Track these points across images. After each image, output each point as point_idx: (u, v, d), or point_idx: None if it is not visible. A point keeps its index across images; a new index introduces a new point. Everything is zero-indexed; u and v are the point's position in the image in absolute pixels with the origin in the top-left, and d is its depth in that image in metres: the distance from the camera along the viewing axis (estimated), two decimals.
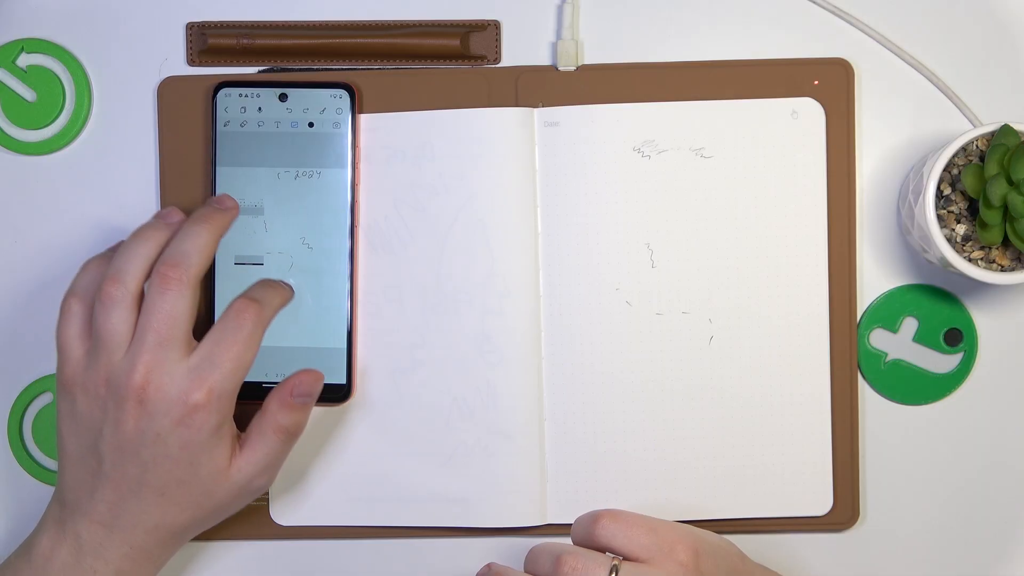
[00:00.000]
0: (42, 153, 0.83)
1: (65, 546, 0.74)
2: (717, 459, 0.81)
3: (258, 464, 0.75)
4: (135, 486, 0.73)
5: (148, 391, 0.72)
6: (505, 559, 0.82)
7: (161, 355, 0.72)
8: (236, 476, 0.74)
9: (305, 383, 0.75)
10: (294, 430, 0.75)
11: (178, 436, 0.72)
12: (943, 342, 0.81)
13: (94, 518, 0.74)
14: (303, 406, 0.75)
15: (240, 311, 0.73)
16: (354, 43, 0.81)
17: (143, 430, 0.72)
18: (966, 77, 0.81)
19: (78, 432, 0.74)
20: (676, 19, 0.82)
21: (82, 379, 0.73)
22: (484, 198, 0.80)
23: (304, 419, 0.76)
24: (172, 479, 0.73)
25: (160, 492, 0.73)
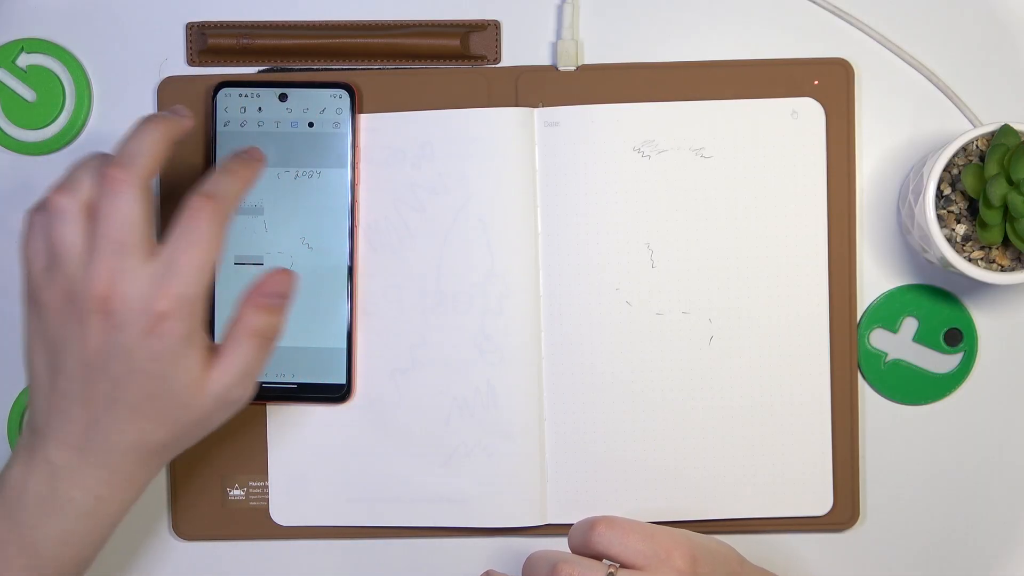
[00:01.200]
0: (42, 153, 0.83)
1: (37, 474, 0.70)
2: (717, 459, 0.81)
3: (234, 374, 0.70)
4: (107, 404, 0.69)
5: (112, 301, 0.67)
6: (505, 559, 0.82)
7: (120, 262, 0.67)
8: (212, 387, 0.70)
9: (277, 282, 0.71)
10: (269, 334, 0.71)
11: (146, 348, 0.67)
12: (943, 342, 0.81)
13: (67, 441, 0.69)
14: (276, 307, 0.71)
15: (195, 210, 0.68)
16: (354, 43, 0.81)
17: (110, 343, 0.68)
18: (966, 77, 0.81)
19: (44, 350, 0.70)
20: (676, 19, 0.82)
21: (44, 295, 0.69)
22: (484, 198, 0.80)
23: (279, 322, 0.71)
24: (144, 394, 0.68)
25: (133, 408, 0.69)
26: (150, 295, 0.67)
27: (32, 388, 0.71)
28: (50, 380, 0.70)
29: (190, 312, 0.68)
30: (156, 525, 0.83)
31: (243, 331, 0.70)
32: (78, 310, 0.68)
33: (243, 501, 0.82)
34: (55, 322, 0.69)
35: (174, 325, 0.68)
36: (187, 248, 0.68)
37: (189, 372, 0.69)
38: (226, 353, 0.70)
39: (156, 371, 0.68)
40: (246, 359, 0.70)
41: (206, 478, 0.82)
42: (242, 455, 0.82)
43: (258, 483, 0.82)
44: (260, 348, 0.71)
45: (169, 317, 0.67)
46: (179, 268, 0.67)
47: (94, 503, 0.70)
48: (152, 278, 0.67)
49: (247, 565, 0.83)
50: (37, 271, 0.69)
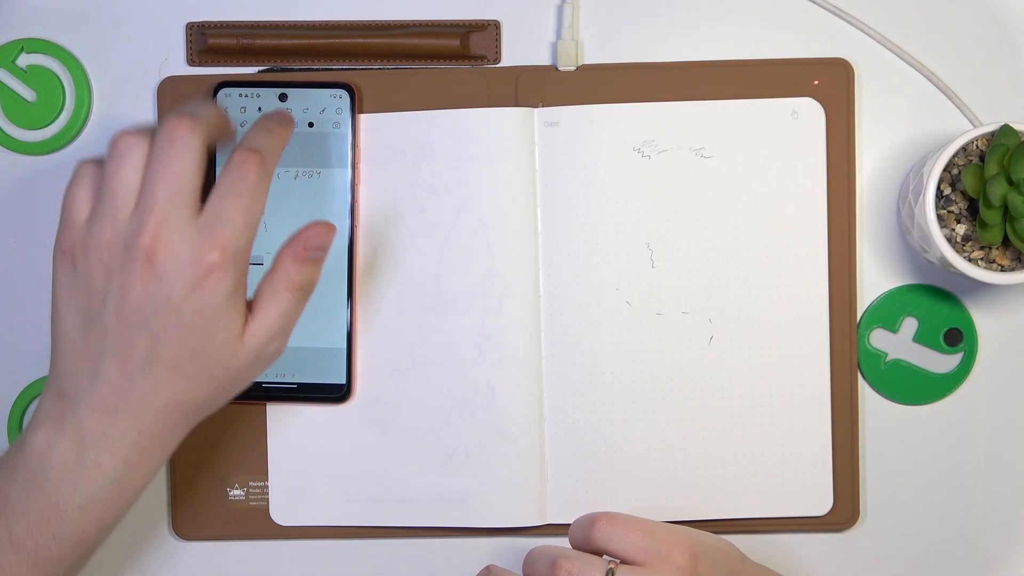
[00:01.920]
0: (42, 153, 0.83)
1: (64, 440, 0.68)
2: (717, 459, 0.81)
3: (272, 327, 0.69)
4: (144, 361, 0.67)
5: (158, 251, 0.66)
6: (505, 559, 0.82)
7: (171, 212, 0.66)
8: (251, 342, 0.69)
9: (318, 234, 0.69)
10: (308, 287, 0.70)
11: (192, 301, 0.66)
12: (943, 342, 0.81)
13: (97, 404, 0.68)
14: (316, 260, 0.70)
15: (242, 163, 0.67)
16: (354, 43, 0.81)
17: (153, 295, 0.66)
18: (966, 77, 0.81)
19: (78, 304, 0.68)
20: (676, 19, 0.82)
21: (84, 242, 0.67)
22: (484, 198, 0.80)
23: (317, 275, 0.70)
24: (185, 350, 0.67)
25: (172, 366, 0.67)
26: (199, 246, 0.66)
27: (59, 350, 0.69)
28: (83, 337, 0.68)
29: (236, 265, 0.67)
30: (156, 525, 0.83)
31: (282, 283, 0.69)
32: (123, 258, 0.66)
33: (243, 501, 0.82)
34: (96, 270, 0.67)
35: (222, 277, 0.66)
36: (236, 199, 0.67)
37: (230, 328, 0.68)
38: (264, 306, 0.69)
39: (199, 325, 0.67)
40: (284, 312, 0.69)
41: (206, 478, 0.82)
42: (242, 455, 0.82)
43: (258, 483, 0.82)
44: (298, 301, 0.70)
45: (217, 269, 0.66)
46: (228, 218, 0.66)
47: (122, 468, 0.69)
48: (201, 230, 0.66)
49: (247, 565, 0.83)
50: (79, 222, 0.68)
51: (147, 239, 0.66)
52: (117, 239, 0.67)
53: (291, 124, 0.72)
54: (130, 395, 0.68)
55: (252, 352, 0.69)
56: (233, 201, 0.67)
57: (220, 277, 0.66)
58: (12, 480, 0.69)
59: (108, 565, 0.83)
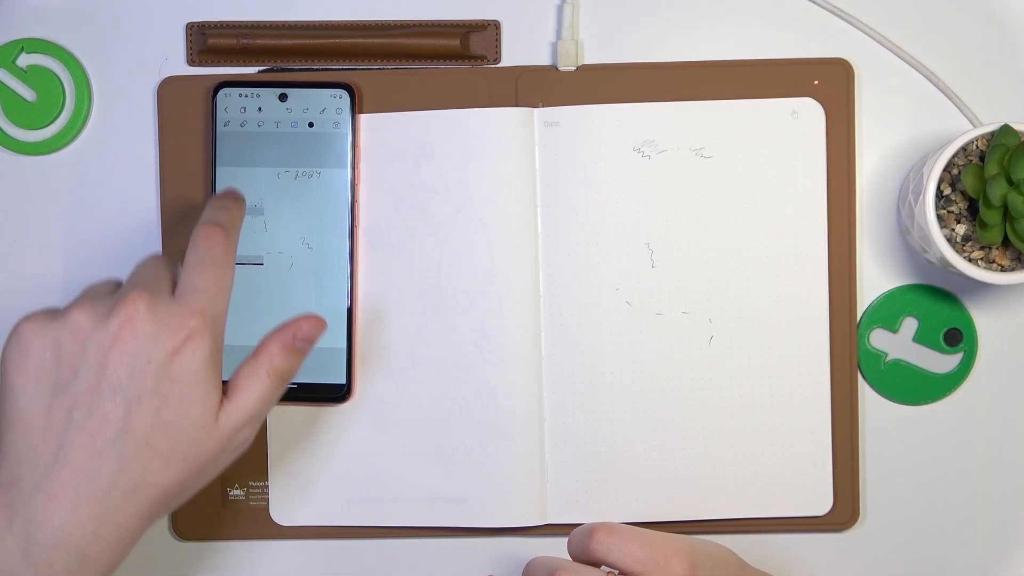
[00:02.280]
0: (42, 153, 0.83)
1: (9, 539, 0.63)
2: (717, 459, 0.81)
3: (247, 410, 0.68)
4: (115, 434, 0.64)
5: (138, 317, 0.65)
6: (505, 559, 0.82)
7: (150, 288, 0.67)
8: (225, 423, 0.67)
9: (311, 327, 0.69)
10: (287, 376, 0.69)
11: (171, 367, 0.65)
12: (943, 342, 0.81)
13: (54, 491, 0.63)
14: (302, 352, 0.69)
15: (208, 236, 0.68)
16: (354, 43, 0.81)
17: (133, 359, 0.65)
18: (966, 77, 0.81)
19: (43, 377, 0.65)
20: (676, 19, 0.82)
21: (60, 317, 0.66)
22: (484, 198, 0.80)
23: (298, 366, 0.70)
24: (159, 422, 0.65)
25: (145, 440, 0.65)
26: (179, 312, 0.66)
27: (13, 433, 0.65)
28: (45, 414, 0.65)
29: (215, 332, 0.67)
30: (156, 525, 0.83)
31: (264, 367, 0.69)
32: (103, 326, 0.65)
33: (243, 501, 0.82)
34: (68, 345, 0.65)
35: (201, 342, 0.66)
36: (208, 269, 0.68)
37: (206, 401, 0.66)
38: (242, 388, 0.68)
39: (175, 395, 0.65)
40: (261, 397, 0.68)
41: None
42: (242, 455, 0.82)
43: (258, 483, 0.82)
44: (276, 388, 0.69)
45: (197, 333, 0.66)
46: (203, 287, 0.67)
47: (76, 567, 0.64)
48: (179, 299, 0.67)
49: (247, 565, 0.83)
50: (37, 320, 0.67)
51: (129, 307, 0.65)
52: (98, 312, 0.66)
53: (243, 201, 0.74)
54: (96, 476, 0.64)
55: (225, 434, 0.67)
56: (205, 271, 0.68)
57: (199, 342, 0.66)
58: None
59: None
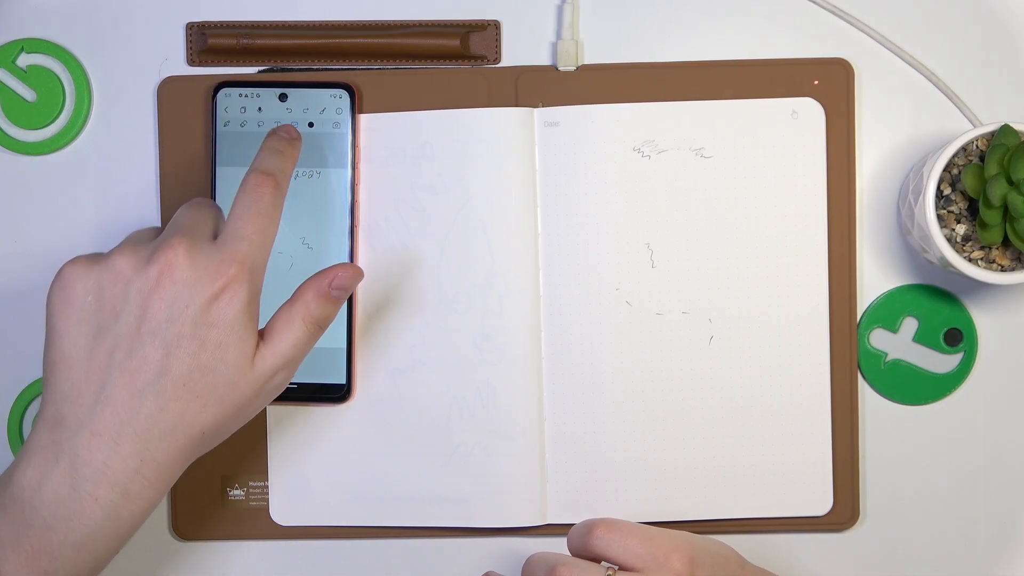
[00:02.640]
0: (42, 153, 0.83)
1: (57, 473, 0.65)
2: (717, 459, 0.81)
3: (282, 355, 0.69)
4: (154, 376, 0.66)
5: (178, 264, 0.66)
6: (505, 559, 0.82)
7: (191, 234, 0.68)
8: (260, 366, 0.69)
9: (346, 275, 0.71)
10: (323, 323, 0.71)
11: (208, 312, 0.67)
12: (943, 342, 0.81)
13: (98, 429, 0.66)
14: (337, 299, 0.71)
15: (257, 185, 0.69)
16: (354, 43, 0.81)
17: (171, 304, 0.66)
18: (966, 77, 0.81)
19: (84, 320, 0.67)
20: (676, 19, 0.82)
21: (89, 268, 0.68)
22: (484, 198, 0.80)
23: (334, 314, 0.71)
24: (197, 365, 0.67)
25: (183, 383, 0.67)
26: (219, 257, 0.67)
27: (57, 374, 0.67)
28: (88, 356, 0.67)
29: (253, 280, 0.68)
30: (156, 525, 0.83)
31: (300, 314, 0.70)
32: (143, 272, 0.67)
33: (243, 501, 0.82)
34: (112, 285, 0.67)
35: (239, 289, 0.67)
36: (253, 218, 0.69)
37: (242, 345, 0.68)
38: (278, 333, 0.70)
39: (212, 339, 0.67)
40: (296, 343, 0.70)
41: (206, 478, 0.82)
42: (242, 455, 0.82)
43: (258, 483, 0.82)
44: (311, 335, 0.71)
45: (235, 281, 0.67)
46: (246, 235, 0.68)
47: (120, 501, 0.67)
48: (220, 246, 0.68)
49: (247, 565, 0.83)
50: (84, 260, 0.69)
51: (168, 253, 0.67)
52: (139, 256, 0.68)
53: (299, 141, 0.74)
54: (136, 415, 0.66)
55: (261, 378, 0.69)
56: (250, 220, 0.69)
57: (236, 289, 0.67)
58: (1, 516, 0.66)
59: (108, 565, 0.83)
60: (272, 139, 0.73)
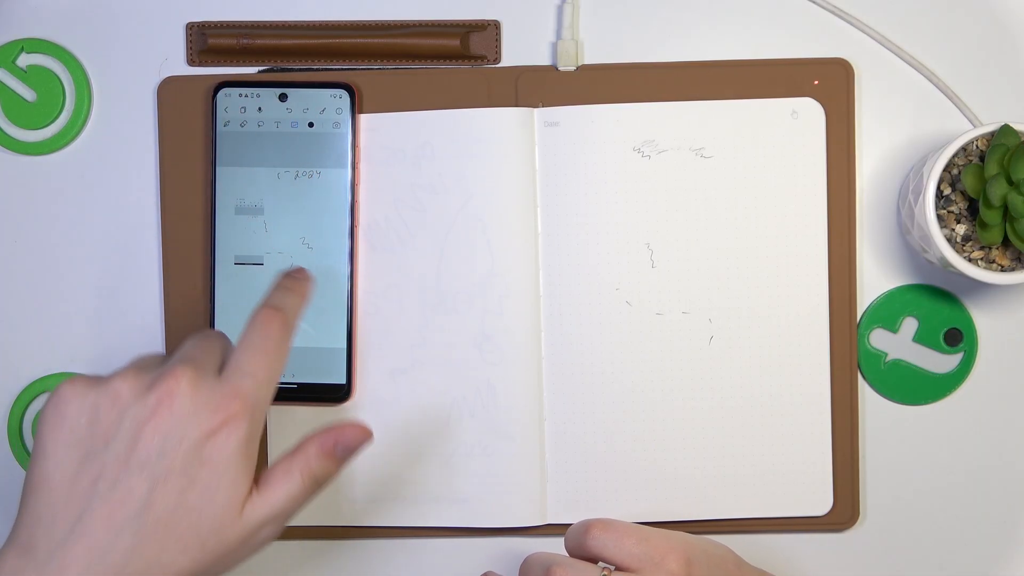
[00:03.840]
0: (42, 153, 0.83)
1: None
2: (717, 459, 0.81)
3: (274, 507, 0.66)
4: (136, 511, 0.63)
5: (179, 393, 0.64)
6: (505, 559, 0.82)
7: (196, 365, 0.65)
8: (249, 515, 0.65)
9: (354, 436, 0.68)
10: (323, 480, 0.68)
11: (203, 449, 0.64)
12: (943, 342, 0.81)
13: (67, 562, 0.62)
14: (342, 460, 0.68)
15: (267, 321, 0.67)
16: (354, 43, 0.81)
17: (165, 436, 0.63)
18: (966, 77, 0.81)
19: (75, 443, 0.64)
20: (676, 19, 0.82)
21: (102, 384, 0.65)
22: (484, 198, 0.80)
23: (336, 473, 0.68)
24: (182, 504, 0.63)
25: (165, 522, 0.63)
26: (222, 390, 0.65)
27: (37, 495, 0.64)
28: (71, 481, 0.63)
29: (254, 419, 0.65)
30: None
31: (298, 467, 0.67)
32: (142, 399, 0.64)
33: None
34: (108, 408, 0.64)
35: (239, 425, 0.65)
36: (260, 355, 0.66)
37: (234, 489, 0.65)
38: (273, 483, 0.66)
39: (203, 478, 0.64)
40: (290, 496, 0.66)
41: None
42: None
43: None
44: (307, 491, 0.67)
45: (236, 417, 0.64)
46: (251, 371, 0.66)
47: None
48: (223, 381, 0.65)
49: (248, 565, 0.83)
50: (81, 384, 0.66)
51: (170, 382, 0.64)
52: (140, 383, 0.65)
53: (309, 282, 0.72)
54: (110, 552, 0.62)
55: (248, 527, 0.65)
56: (256, 356, 0.66)
57: (236, 426, 0.65)
58: None
59: None
60: (284, 279, 0.71)
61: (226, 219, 0.80)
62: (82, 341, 0.82)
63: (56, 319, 0.82)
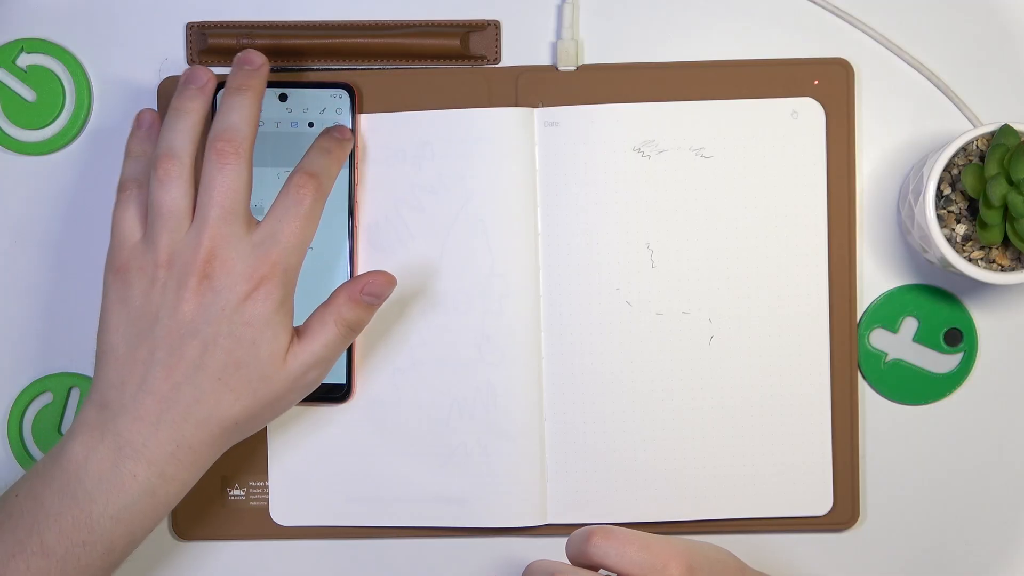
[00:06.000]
0: (42, 153, 0.83)
1: (102, 449, 0.70)
2: (717, 459, 0.81)
3: (315, 354, 0.73)
4: (191, 370, 0.71)
5: (214, 266, 0.71)
6: (505, 559, 0.82)
7: (226, 230, 0.71)
8: (292, 363, 0.72)
9: (377, 284, 0.74)
10: (356, 326, 0.74)
11: (242, 312, 0.71)
12: (943, 342, 0.81)
13: (139, 414, 0.71)
14: (370, 305, 0.74)
15: (300, 187, 0.72)
16: (354, 43, 0.81)
17: (207, 306, 0.71)
18: (966, 77, 0.81)
19: (130, 319, 0.72)
20: (676, 19, 0.82)
21: (140, 261, 0.72)
22: (484, 198, 0.80)
23: (367, 318, 0.75)
24: (231, 360, 0.71)
25: (217, 376, 0.71)
26: (253, 261, 0.71)
27: (105, 362, 0.72)
28: (132, 351, 0.71)
29: (286, 281, 0.72)
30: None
31: (332, 316, 0.73)
32: (179, 273, 0.71)
33: (243, 501, 0.82)
34: (151, 287, 0.71)
35: (272, 290, 0.71)
36: (291, 220, 0.72)
37: (276, 342, 0.72)
38: (311, 334, 0.73)
39: (247, 336, 0.71)
40: (328, 343, 0.73)
41: (206, 478, 0.82)
42: (242, 455, 0.82)
43: (258, 483, 0.82)
44: (343, 337, 0.74)
45: (268, 281, 0.71)
46: (282, 238, 0.72)
47: (156, 481, 0.71)
48: (255, 246, 0.71)
49: (247, 565, 0.83)
50: (130, 241, 0.73)
51: (204, 255, 0.71)
52: (175, 256, 0.71)
53: (350, 143, 0.77)
54: (174, 405, 0.71)
55: (293, 374, 0.73)
56: (289, 223, 0.72)
57: (270, 290, 0.71)
58: (47, 487, 0.71)
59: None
60: (323, 138, 0.76)
61: None
62: (82, 341, 0.82)
63: (56, 319, 0.82)
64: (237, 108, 0.73)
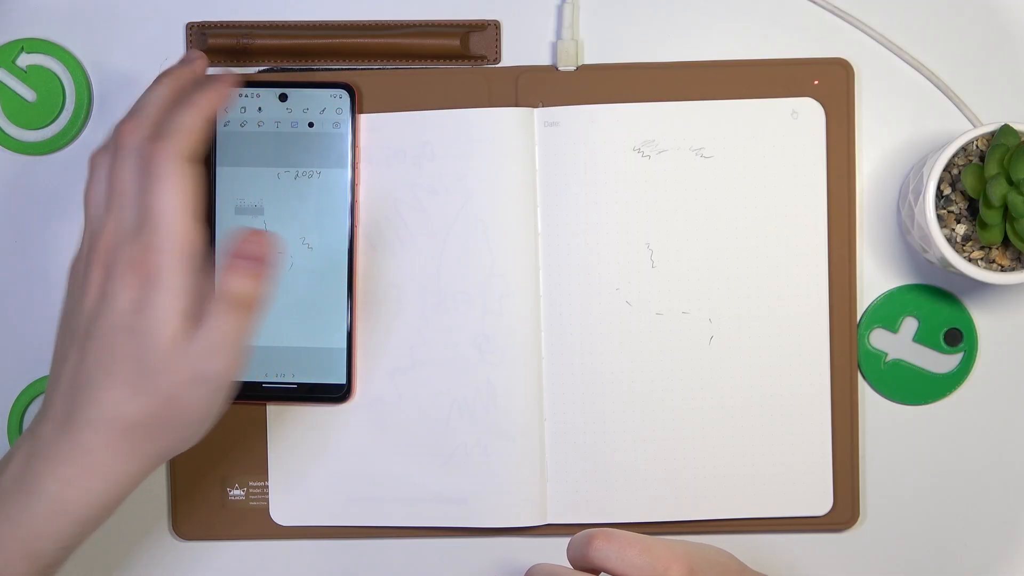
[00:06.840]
0: (42, 153, 0.83)
1: (23, 449, 0.68)
2: (717, 459, 0.81)
3: (209, 340, 0.67)
4: (92, 367, 0.67)
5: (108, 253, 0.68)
6: (505, 559, 0.82)
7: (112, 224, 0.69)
8: (187, 354, 0.66)
9: (249, 245, 0.68)
10: (244, 301, 0.67)
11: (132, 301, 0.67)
12: (943, 342, 0.81)
13: (52, 414, 0.68)
14: (253, 273, 0.67)
15: (146, 158, 0.69)
16: (354, 43, 0.81)
17: (104, 298, 0.67)
18: (966, 77, 0.81)
19: (69, 310, 0.70)
20: (676, 19, 0.82)
21: (96, 245, 0.69)
22: (484, 198, 0.80)
23: (254, 289, 0.67)
24: (123, 354, 0.66)
25: (110, 371, 0.66)
26: (140, 247, 0.67)
27: (52, 364, 0.71)
28: (60, 345, 0.70)
29: (175, 264, 0.67)
30: (156, 525, 0.83)
31: (219, 294, 0.67)
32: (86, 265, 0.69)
33: (243, 501, 0.82)
34: (99, 273, 0.69)
35: (162, 276, 0.66)
36: (157, 195, 0.67)
37: (168, 330, 0.66)
38: (204, 320, 0.67)
39: (138, 326, 0.66)
40: (222, 327, 0.67)
41: (206, 478, 0.82)
42: (242, 455, 0.82)
43: (258, 483, 0.82)
44: (238, 318, 0.67)
45: (160, 269, 0.66)
46: (154, 216, 0.67)
47: (54, 487, 0.67)
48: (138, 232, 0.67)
49: (247, 565, 0.83)
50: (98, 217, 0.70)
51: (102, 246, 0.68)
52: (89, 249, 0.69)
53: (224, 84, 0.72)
54: (74, 404, 0.67)
55: (189, 365, 0.67)
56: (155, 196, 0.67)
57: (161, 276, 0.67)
58: None
59: (108, 565, 0.83)
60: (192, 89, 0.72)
61: (226, 219, 0.80)
62: None
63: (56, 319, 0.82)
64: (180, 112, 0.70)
